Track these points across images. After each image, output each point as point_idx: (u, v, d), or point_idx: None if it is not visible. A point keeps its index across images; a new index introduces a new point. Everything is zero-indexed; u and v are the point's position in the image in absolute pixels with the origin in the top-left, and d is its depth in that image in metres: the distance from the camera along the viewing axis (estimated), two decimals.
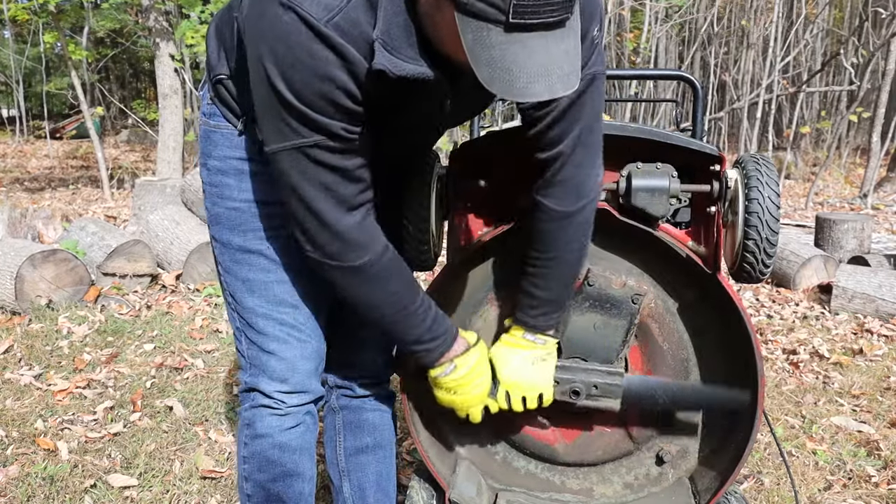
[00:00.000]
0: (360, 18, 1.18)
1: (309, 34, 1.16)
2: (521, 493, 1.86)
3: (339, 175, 1.30)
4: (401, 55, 1.20)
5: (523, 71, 1.06)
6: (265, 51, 1.20)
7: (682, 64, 14.39)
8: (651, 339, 1.77)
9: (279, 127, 1.26)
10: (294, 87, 1.19)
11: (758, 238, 1.62)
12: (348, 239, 1.35)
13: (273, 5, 1.18)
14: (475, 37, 1.07)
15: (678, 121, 2.59)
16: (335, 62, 1.18)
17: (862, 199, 8.92)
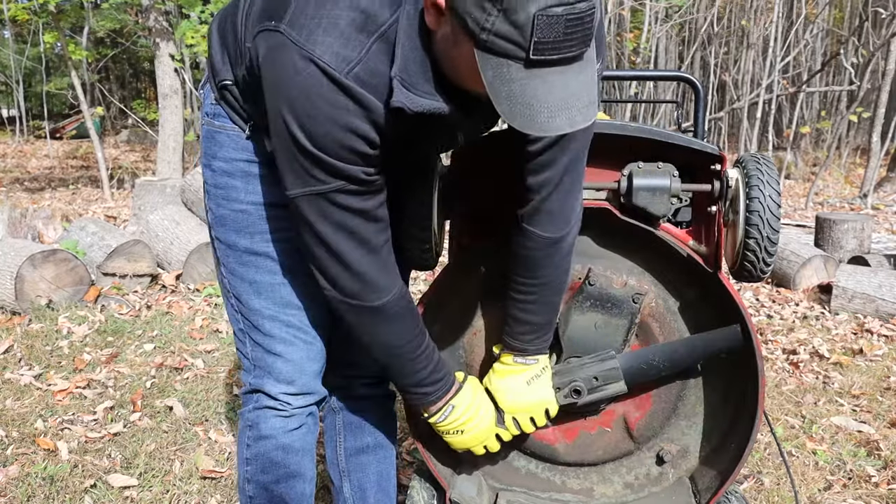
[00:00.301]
0: (379, 67, 1.19)
1: (330, 86, 1.17)
2: (522, 492, 1.86)
3: (362, 217, 1.31)
4: (417, 91, 1.20)
5: (544, 106, 1.06)
6: (283, 101, 1.20)
7: (682, 64, 14.39)
8: (652, 338, 1.76)
9: (300, 174, 1.26)
10: (314, 138, 1.20)
11: (758, 237, 1.62)
12: (369, 280, 1.36)
13: (290, 55, 1.18)
14: (495, 73, 1.07)
15: (679, 121, 2.59)
16: (356, 112, 1.19)
17: (862, 199, 8.92)
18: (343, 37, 1.17)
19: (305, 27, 1.18)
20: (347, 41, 1.17)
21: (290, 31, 1.19)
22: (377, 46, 1.18)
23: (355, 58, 1.17)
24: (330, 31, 1.17)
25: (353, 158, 1.23)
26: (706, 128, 3.73)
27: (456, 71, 1.18)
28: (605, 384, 1.69)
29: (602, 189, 1.73)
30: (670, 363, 1.71)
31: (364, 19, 1.18)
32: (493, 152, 1.73)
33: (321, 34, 1.17)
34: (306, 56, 1.16)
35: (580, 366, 1.70)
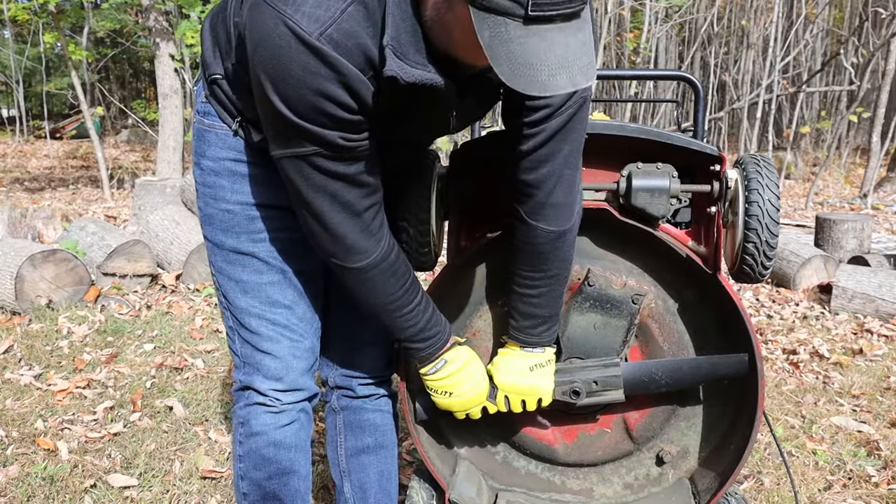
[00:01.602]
0: (356, 29, 1.17)
1: (300, 48, 1.15)
2: (522, 493, 1.86)
3: (343, 181, 1.30)
4: (409, 61, 1.18)
5: (545, 64, 1.04)
6: (259, 64, 1.20)
7: (682, 64, 14.39)
8: (651, 339, 1.77)
9: (280, 136, 1.27)
10: (288, 101, 1.19)
11: (758, 238, 1.62)
12: (349, 243, 1.36)
13: (268, 17, 1.16)
14: (493, 32, 1.04)
15: (679, 121, 2.59)
16: (328, 75, 1.17)
17: (862, 199, 8.92)
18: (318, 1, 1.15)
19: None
20: (321, 2, 1.15)
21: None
22: (354, 8, 1.16)
23: (328, 18, 1.14)
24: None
25: (328, 123, 1.22)
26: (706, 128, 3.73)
27: (450, 39, 1.16)
28: (604, 390, 1.69)
29: (601, 190, 1.73)
30: (672, 380, 1.72)
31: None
32: (492, 152, 1.73)
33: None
34: (278, 17, 1.15)
35: (582, 368, 1.70)
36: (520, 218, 1.49)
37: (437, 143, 7.47)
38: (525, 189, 1.46)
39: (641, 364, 1.74)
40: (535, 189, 1.44)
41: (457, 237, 1.78)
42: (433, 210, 1.71)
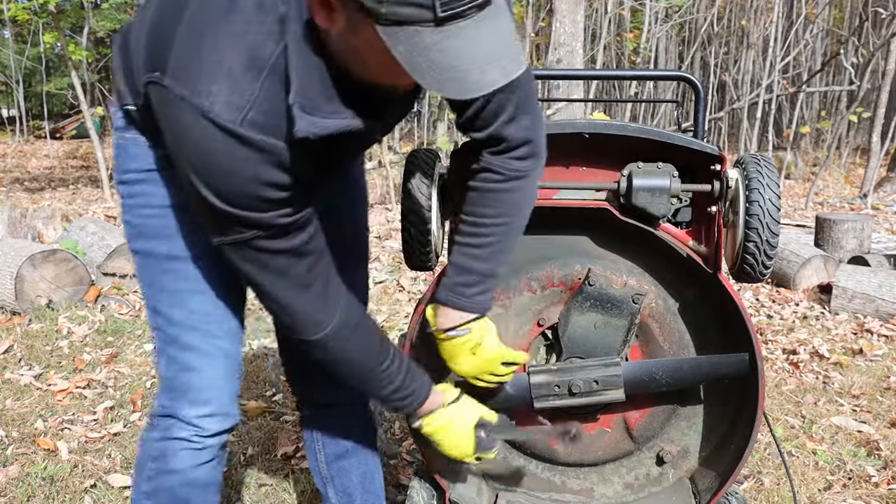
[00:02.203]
0: (275, 104, 1.11)
1: (225, 139, 1.09)
2: (522, 493, 1.86)
3: (287, 255, 1.25)
4: (321, 113, 1.12)
5: (472, 63, 0.97)
6: (184, 160, 1.14)
7: (682, 64, 14.39)
8: (652, 338, 1.77)
9: (216, 226, 1.21)
10: (220, 194, 1.14)
11: (758, 238, 1.62)
12: (303, 318, 1.32)
13: (180, 113, 1.11)
14: (407, 46, 0.97)
15: (679, 121, 2.59)
16: (258, 159, 1.12)
17: (862, 199, 8.92)
18: (230, 81, 1.08)
19: (189, 78, 1.10)
20: (235, 85, 1.09)
21: (174, 85, 1.11)
22: (269, 83, 1.10)
23: (246, 102, 1.09)
24: (215, 78, 1.09)
25: (265, 207, 1.16)
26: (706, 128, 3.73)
27: (363, 64, 1.08)
28: (605, 389, 1.69)
29: (602, 189, 1.73)
30: (673, 380, 1.72)
31: (249, 57, 1.09)
32: None
33: (206, 82, 1.09)
34: (195, 111, 1.08)
35: (583, 367, 1.70)
36: (486, 157, 1.42)
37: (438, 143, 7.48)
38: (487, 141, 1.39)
39: (642, 363, 1.74)
40: (498, 139, 1.38)
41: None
42: (434, 210, 1.71)
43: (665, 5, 11.17)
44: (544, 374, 1.72)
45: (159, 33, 1.20)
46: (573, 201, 1.72)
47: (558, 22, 7.17)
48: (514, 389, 1.73)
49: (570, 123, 1.68)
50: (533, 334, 1.81)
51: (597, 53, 10.95)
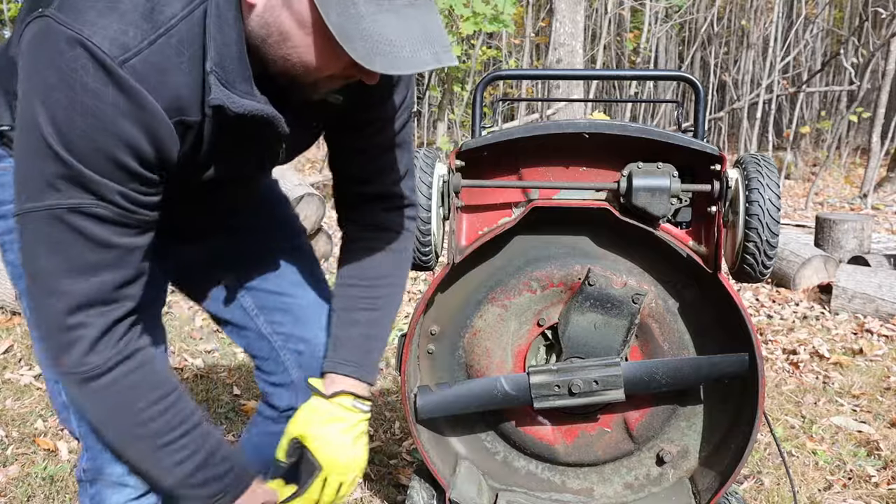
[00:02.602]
0: (167, 64, 0.98)
1: (98, 74, 0.94)
2: (522, 493, 1.86)
3: (104, 252, 1.02)
4: (237, 90, 1.02)
5: (405, 39, 0.94)
6: (38, 90, 0.96)
7: (682, 64, 14.39)
8: (652, 338, 1.77)
9: (39, 182, 0.98)
10: (66, 135, 0.96)
11: (758, 238, 1.62)
12: (81, 345, 1.03)
13: (56, 39, 0.95)
14: (341, 11, 0.93)
15: (679, 121, 2.59)
16: (127, 112, 0.96)
17: (862, 199, 8.92)
18: (122, 21, 0.96)
19: (78, 9, 0.96)
20: (127, 27, 0.96)
21: (57, 13, 0.96)
22: (164, 40, 0.98)
23: (134, 46, 0.96)
24: (106, 14, 0.96)
25: (108, 170, 0.98)
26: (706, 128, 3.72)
27: (287, 47, 1.00)
28: (604, 389, 1.70)
29: (602, 189, 1.73)
30: (673, 380, 1.72)
31: (150, 8, 0.98)
32: (493, 152, 1.73)
33: (95, 16, 0.96)
34: (73, 37, 0.94)
35: (583, 367, 1.71)
36: (370, 217, 1.36)
37: (438, 143, 7.50)
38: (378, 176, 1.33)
39: (642, 363, 1.74)
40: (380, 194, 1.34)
41: (457, 237, 1.78)
42: (434, 210, 1.71)
43: (665, 5, 11.17)
44: (544, 374, 1.72)
45: None
46: (573, 201, 1.72)
47: (558, 22, 7.18)
48: (515, 389, 1.73)
49: (570, 123, 1.69)
50: (533, 334, 1.81)
51: (597, 53, 10.95)
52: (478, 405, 1.77)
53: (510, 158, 1.76)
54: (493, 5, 6.07)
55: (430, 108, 12.08)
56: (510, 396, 1.73)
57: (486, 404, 1.77)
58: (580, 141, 1.68)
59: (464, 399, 1.76)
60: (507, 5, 6.09)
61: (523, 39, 11.34)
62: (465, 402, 1.77)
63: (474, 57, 8.50)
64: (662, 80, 3.08)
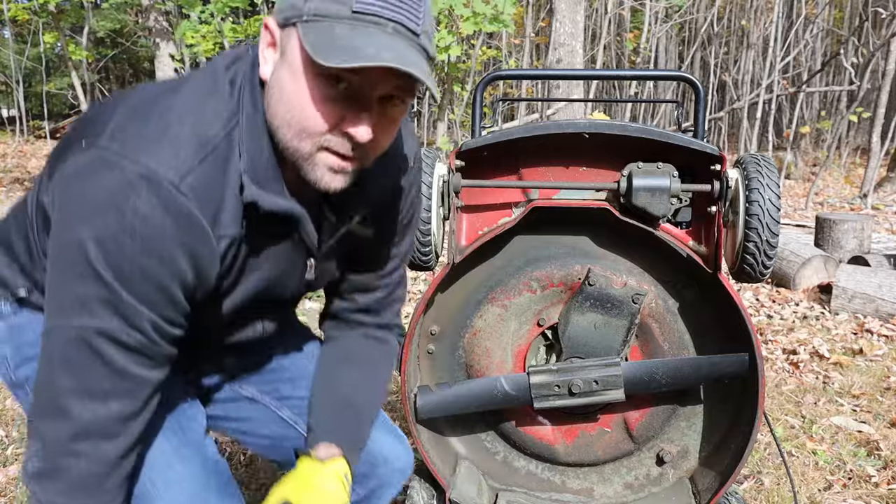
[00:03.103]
0: (213, 181, 1.01)
1: (151, 197, 0.96)
2: (522, 493, 1.86)
3: (117, 379, 1.02)
4: (268, 189, 1.05)
5: (370, 45, 0.95)
6: (85, 213, 0.96)
7: (682, 64, 14.39)
8: (652, 338, 1.77)
9: (72, 301, 0.99)
10: (114, 258, 0.96)
11: (758, 238, 1.62)
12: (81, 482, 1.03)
13: (109, 166, 0.96)
14: (318, 33, 0.96)
15: (679, 121, 2.59)
16: (175, 233, 0.98)
17: (862, 199, 8.92)
18: (173, 146, 0.99)
19: (127, 138, 0.98)
20: (178, 150, 0.99)
21: (109, 144, 0.98)
22: (210, 160, 1.01)
23: (185, 169, 0.98)
24: (157, 141, 0.99)
25: (150, 296, 1.00)
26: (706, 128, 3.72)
27: (285, 102, 1.01)
28: (604, 389, 1.70)
29: (602, 189, 1.73)
30: (673, 380, 1.72)
31: (196, 133, 1.01)
32: (493, 152, 1.73)
33: (146, 143, 0.98)
34: (126, 165, 0.95)
35: (583, 367, 1.71)
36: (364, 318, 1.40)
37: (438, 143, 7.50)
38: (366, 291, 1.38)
39: (642, 363, 1.74)
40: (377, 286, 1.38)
41: (457, 237, 1.78)
42: (434, 210, 1.71)
43: (665, 5, 11.17)
44: (544, 374, 1.72)
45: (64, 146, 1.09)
46: (573, 201, 1.72)
47: (558, 22, 7.18)
48: (515, 389, 1.73)
49: (570, 123, 1.69)
50: (533, 334, 1.81)
51: (597, 53, 10.95)
52: (478, 405, 1.77)
53: (510, 158, 1.76)
54: (493, 5, 6.07)
55: (430, 108, 12.08)
56: (510, 396, 1.73)
57: (486, 404, 1.77)
58: (580, 141, 1.68)
59: (464, 399, 1.76)
60: (507, 5, 6.09)
61: (523, 39, 11.34)
62: (465, 402, 1.77)
63: (474, 57, 8.50)
64: (662, 80, 3.07)
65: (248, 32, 8.40)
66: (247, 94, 1.05)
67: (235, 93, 1.05)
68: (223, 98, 1.05)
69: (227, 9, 7.35)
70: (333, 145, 1.03)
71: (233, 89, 1.06)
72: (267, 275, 1.17)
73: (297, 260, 1.20)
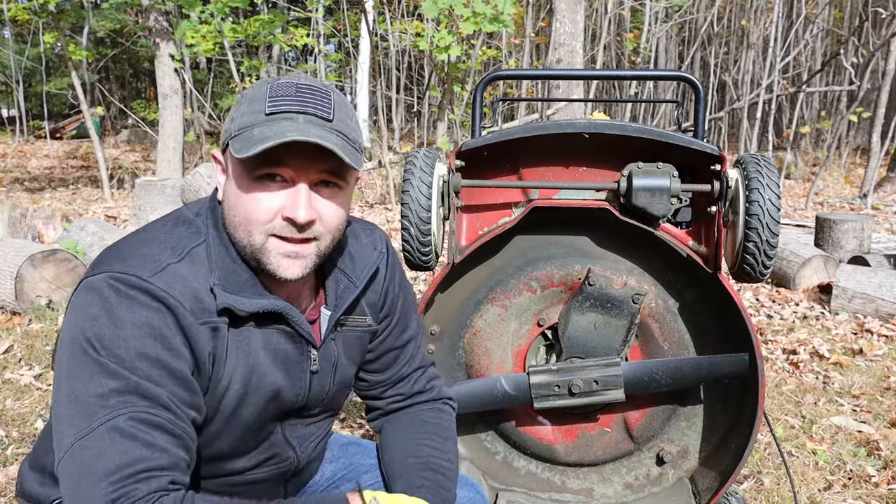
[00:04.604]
0: (188, 275, 1.13)
1: (130, 292, 1.09)
2: (522, 493, 1.86)
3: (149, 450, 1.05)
4: (245, 294, 1.16)
5: (280, 133, 1.09)
6: (80, 323, 1.10)
7: (682, 64, 14.39)
8: (652, 338, 1.77)
9: (84, 407, 1.05)
10: (112, 348, 1.07)
11: (758, 238, 1.62)
12: None
13: (96, 282, 1.11)
14: (241, 141, 1.10)
15: (679, 121, 2.59)
16: (157, 310, 1.09)
17: (862, 199, 8.92)
18: (151, 252, 1.14)
19: (105, 263, 1.14)
20: (158, 255, 1.14)
21: (90, 272, 1.14)
22: (186, 260, 1.14)
23: (162, 265, 1.12)
24: (137, 254, 1.14)
25: (159, 374, 1.08)
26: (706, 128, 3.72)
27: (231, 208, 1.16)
28: (604, 389, 1.70)
29: (602, 189, 1.73)
30: (673, 380, 1.72)
31: (172, 245, 1.16)
32: (493, 152, 1.73)
33: (129, 257, 1.13)
34: (108, 275, 1.10)
35: (583, 367, 1.71)
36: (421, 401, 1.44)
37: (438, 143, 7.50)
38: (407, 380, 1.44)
39: (642, 363, 1.74)
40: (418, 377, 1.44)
41: (457, 237, 1.78)
42: (434, 210, 1.71)
43: (665, 5, 11.17)
44: (544, 374, 1.72)
45: None
46: (573, 201, 1.72)
47: (558, 22, 7.17)
48: (515, 389, 1.73)
49: (570, 123, 1.68)
50: (533, 334, 1.81)
51: (597, 53, 10.95)
52: (478, 405, 1.77)
53: (510, 158, 1.76)
54: (493, 5, 6.06)
55: (430, 108, 12.08)
56: (510, 396, 1.73)
57: (486, 404, 1.77)
58: (580, 141, 1.68)
59: (464, 399, 1.76)
60: (507, 5, 6.09)
61: (523, 39, 11.34)
62: (465, 402, 1.76)
63: (474, 57, 8.50)
64: (662, 80, 3.07)
65: (247, 32, 8.40)
66: (210, 220, 1.20)
67: (199, 221, 1.20)
68: (189, 224, 1.19)
69: (227, 9, 7.35)
70: (279, 230, 1.14)
71: (196, 218, 1.21)
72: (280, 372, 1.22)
73: (299, 353, 1.25)
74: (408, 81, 13.34)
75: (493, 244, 1.77)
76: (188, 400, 1.11)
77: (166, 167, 8.52)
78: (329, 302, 1.29)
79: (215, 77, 12.68)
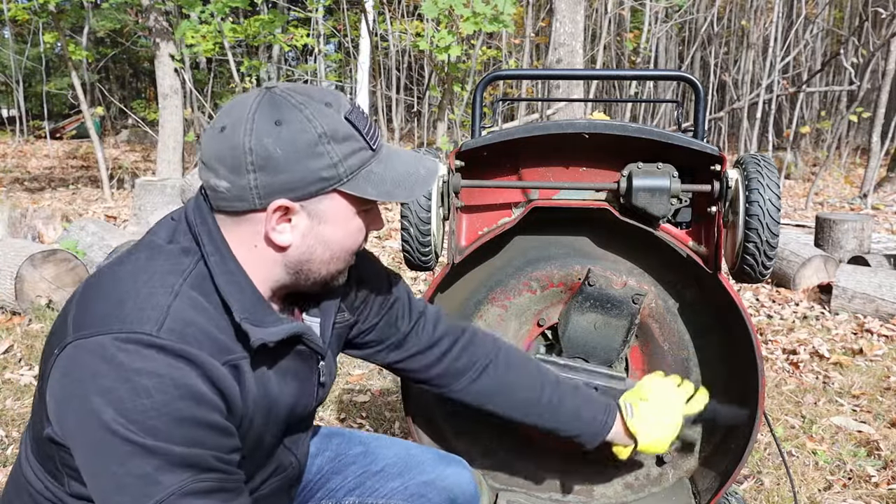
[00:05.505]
0: (191, 317, 1.05)
1: (141, 352, 0.99)
2: (522, 493, 1.86)
3: None
4: (267, 324, 1.11)
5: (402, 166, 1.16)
6: (93, 402, 0.98)
7: (682, 64, 14.40)
8: (652, 338, 1.77)
9: (134, 486, 0.98)
10: (143, 422, 0.97)
11: (758, 238, 1.62)
12: None
13: (89, 350, 1.00)
14: (371, 184, 1.12)
15: (679, 121, 2.59)
16: (181, 369, 1.00)
17: (862, 199, 8.92)
18: (135, 306, 1.03)
19: (94, 321, 1.03)
20: (143, 308, 1.03)
21: (78, 333, 1.02)
22: (177, 304, 1.04)
23: (156, 317, 1.02)
24: (120, 308, 1.03)
25: (198, 436, 1.01)
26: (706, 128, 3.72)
27: (332, 248, 1.15)
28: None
29: (602, 189, 1.73)
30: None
31: (150, 292, 1.05)
32: (493, 152, 1.73)
33: (111, 317, 1.02)
34: (103, 339, 0.99)
35: (589, 371, 1.70)
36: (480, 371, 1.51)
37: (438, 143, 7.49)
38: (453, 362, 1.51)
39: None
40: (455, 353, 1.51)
41: (457, 237, 1.78)
42: (434, 210, 1.71)
43: (665, 5, 11.17)
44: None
45: None
46: (573, 201, 1.72)
47: (558, 22, 7.17)
48: None
49: (570, 123, 1.68)
50: (533, 334, 1.81)
51: (597, 53, 10.95)
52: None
53: (510, 158, 1.76)
54: (493, 5, 6.06)
55: (430, 108, 12.08)
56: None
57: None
58: (580, 141, 1.68)
59: None
60: (507, 5, 6.08)
61: (523, 39, 11.34)
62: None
63: (474, 57, 8.50)
64: (662, 80, 3.07)
65: (247, 32, 8.40)
66: (208, 247, 1.10)
67: (177, 248, 1.11)
68: (167, 254, 1.10)
69: (227, 9, 7.35)
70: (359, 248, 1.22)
71: (171, 245, 1.12)
72: (293, 390, 1.22)
73: (309, 367, 1.26)
74: (408, 81, 13.34)
75: (493, 244, 1.77)
76: (230, 446, 1.07)
77: (166, 167, 8.52)
78: (309, 309, 1.28)
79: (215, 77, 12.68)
